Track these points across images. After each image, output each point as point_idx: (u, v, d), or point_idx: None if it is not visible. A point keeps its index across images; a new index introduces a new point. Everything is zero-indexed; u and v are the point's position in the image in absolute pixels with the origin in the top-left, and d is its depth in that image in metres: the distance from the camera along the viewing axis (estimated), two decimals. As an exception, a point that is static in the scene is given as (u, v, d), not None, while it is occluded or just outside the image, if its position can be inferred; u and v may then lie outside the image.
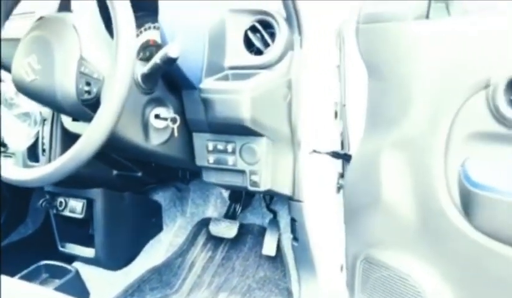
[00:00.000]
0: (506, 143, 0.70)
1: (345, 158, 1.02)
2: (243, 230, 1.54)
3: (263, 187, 0.98)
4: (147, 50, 1.05)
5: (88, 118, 0.77)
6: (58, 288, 1.22)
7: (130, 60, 0.69)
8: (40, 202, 1.33)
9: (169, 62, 0.79)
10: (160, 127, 0.93)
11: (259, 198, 1.56)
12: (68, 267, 1.28)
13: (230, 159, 0.99)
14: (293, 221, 1.16)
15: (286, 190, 1.08)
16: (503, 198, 0.68)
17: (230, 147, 0.98)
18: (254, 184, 0.98)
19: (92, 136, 0.72)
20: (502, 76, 0.67)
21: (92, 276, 1.38)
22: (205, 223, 1.57)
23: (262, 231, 1.50)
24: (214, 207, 1.64)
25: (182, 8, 0.92)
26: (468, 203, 0.73)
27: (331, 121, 1.07)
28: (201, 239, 1.55)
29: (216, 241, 1.54)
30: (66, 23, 0.76)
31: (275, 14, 0.95)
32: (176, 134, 0.93)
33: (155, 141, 0.94)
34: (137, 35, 1.06)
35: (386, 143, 0.85)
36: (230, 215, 1.53)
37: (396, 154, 0.84)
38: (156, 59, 0.80)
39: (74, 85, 0.74)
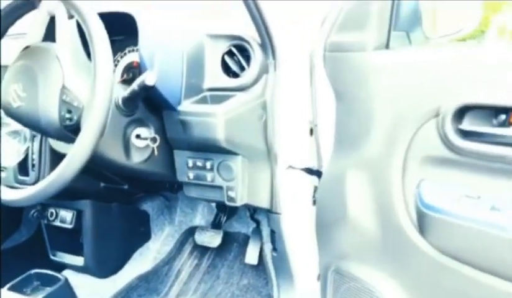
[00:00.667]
0: (455, 168, 0.75)
1: (318, 175, 1.07)
2: (228, 238, 1.60)
3: (239, 202, 1.04)
4: (130, 72, 1.11)
5: (71, 140, 0.83)
6: (47, 296, 1.27)
7: (107, 91, 0.75)
8: (32, 212, 1.39)
9: (147, 89, 0.85)
10: (141, 146, 0.99)
11: (244, 208, 1.62)
12: (58, 275, 1.34)
13: (209, 176, 1.05)
14: (272, 232, 1.22)
15: (264, 203, 1.14)
16: (451, 220, 0.73)
17: (208, 164, 1.04)
18: (231, 199, 1.04)
19: (73, 159, 0.77)
20: (450, 106, 0.72)
21: (82, 284, 1.43)
22: (192, 231, 1.63)
23: (247, 240, 1.55)
24: (201, 216, 1.70)
25: (161, 32, 0.98)
26: (422, 223, 0.79)
27: (306, 138, 1.13)
28: (188, 248, 1.61)
29: (202, 249, 1.60)
30: (50, 54, 0.82)
31: (250, 40, 1.01)
32: (156, 153, 0.99)
33: (136, 159, 0.99)
34: (121, 57, 1.12)
35: (350, 163, 0.91)
36: (216, 224, 1.59)
37: (359, 173, 0.90)
38: (135, 85, 0.86)
39: (57, 112, 0.80)
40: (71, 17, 0.81)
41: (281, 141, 1.08)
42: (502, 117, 0.69)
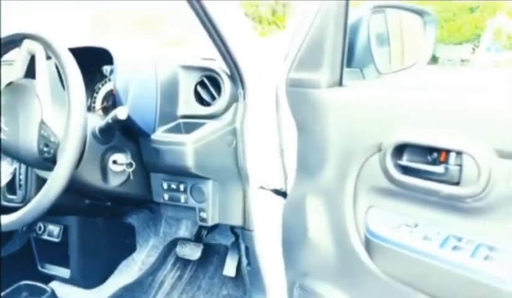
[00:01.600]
0: (397, 198, 0.83)
1: (284, 196, 1.14)
2: (210, 250, 1.67)
3: (210, 222, 1.12)
4: (110, 99, 1.18)
5: (51, 169, 0.90)
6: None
7: (79, 128, 0.82)
8: (21, 226, 1.46)
9: (119, 122, 0.92)
10: (118, 170, 1.07)
11: (224, 221, 1.69)
12: (45, 287, 1.41)
13: (182, 197, 1.12)
14: (246, 248, 1.30)
15: (237, 221, 1.21)
16: (391, 247, 0.81)
17: (181, 187, 1.11)
18: (202, 219, 1.12)
19: (50, 189, 0.85)
20: (390, 142, 0.80)
21: (68, 294, 1.51)
22: (175, 243, 1.70)
23: (227, 252, 1.63)
24: (185, 227, 1.77)
25: (135, 65, 1.06)
26: (368, 248, 0.86)
27: (276, 161, 1.20)
28: (171, 259, 1.68)
29: (185, 261, 1.67)
30: (30, 91, 0.89)
31: (220, 72, 1.09)
32: (131, 177, 1.07)
33: (114, 183, 1.07)
34: (102, 84, 1.20)
35: (309, 189, 0.99)
36: (198, 237, 1.66)
37: (317, 199, 0.97)
38: (109, 119, 0.93)
39: (36, 146, 0.88)
40: (48, 57, 0.88)
41: (252, 164, 1.15)
42: (435, 155, 0.77)
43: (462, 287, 0.71)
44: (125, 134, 1.08)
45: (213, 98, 1.11)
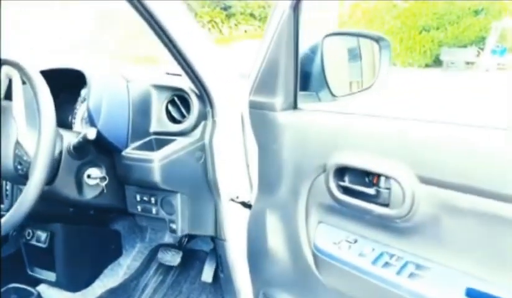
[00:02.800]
0: (340, 215, 0.89)
1: (250, 208, 1.21)
2: (192, 256, 1.74)
3: (180, 233, 1.19)
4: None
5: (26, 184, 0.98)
6: (20, 309, 1.43)
7: (47, 150, 0.89)
8: (11, 232, 1.55)
9: (89, 142, 1.00)
10: (93, 184, 1.14)
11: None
12: (32, 290, 1.50)
13: (154, 209, 1.19)
14: (219, 256, 1.36)
15: (209, 232, 1.28)
16: (335, 263, 0.87)
17: (153, 199, 1.18)
18: (172, 230, 1.19)
19: (23, 202, 0.92)
20: (332, 165, 0.86)
21: (54, 297, 1.59)
22: (159, 249, 1.77)
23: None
24: (170, 234, 1.84)
25: (108, 85, 1.13)
26: (316, 263, 0.93)
27: (244, 175, 1.27)
28: (154, 265, 1.76)
29: (168, 266, 1.74)
30: (7, 113, 0.97)
31: (189, 91, 1.16)
32: (105, 190, 1.14)
33: (89, 195, 1.15)
34: (82, 102, 1.28)
35: (269, 203, 1.05)
36: (180, 244, 1.73)
37: (275, 213, 1.04)
38: (80, 138, 1.01)
39: (12, 163, 0.96)
40: (24, 82, 0.96)
41: (222, 178, 1.22)
42: (370, 177, 0.83)
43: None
44: (100, 149, 1.15)
45: (183, 116, 1.18)
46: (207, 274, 1.59)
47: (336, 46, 1.06)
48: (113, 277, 1.73)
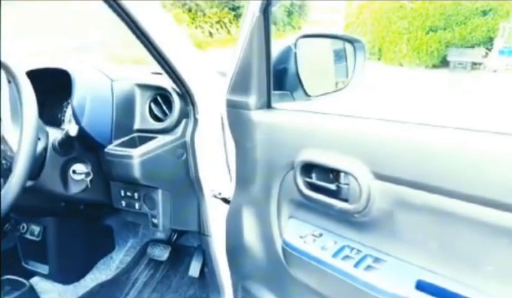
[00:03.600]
0: (308, 210, 0.92)
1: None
2: (182, 252, 1.78)
3: (161, 228, 1.23)
4: None
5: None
6: (13, 300, 1.49)
7: (29, 144, 0.94)
8: (6, 226, 1.60)
9: (72, 138, 1.04)
10: (78, 179, 1.19)
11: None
12: (24, 281, 1.55)
13: (137, 204, 1.24)
14: (203, 251, 1.40)
15: (192, 227, 1.32)
16: (301, 257, 0.90)
17: (136, 194, 1.23)
18: (154, 225, 1.23)
19: (5, 195, 0.97)
20: (299, 161, 0.89)
21: (48, 289, 1.64)
22: (149, 244, 1.82)
23: None
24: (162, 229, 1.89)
25: (92, 84, 1.17)
26: (285, 256, 0.96)
27: (226, 171, 1.30)
28: (145, 259, 1.80)
29: (158, 261, 1.79)
30: None
31: (171, 90, 1.20)
32: (89, 186, 1.19)
33: (74, 190, 1.19)
34: (69, 103, 1.33)
35: (244, 199, 1.09)
36: (169, 239, 1.77)
37: (250, 209, 1.07)
38: (63, 134, 1.06)
39: None
40: (9, 81, 1.01)
41: (204, 174, 1.26)
42: (333, 174, 0.86)
43: (348, 293, 0.80)
44: (85, 146, 1.20)
45: (165, 114, 1.22)
46: (194, 269, 1.63)
47: (311, 47, 1.09)
48: (105, 271, 1.78)
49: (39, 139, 1.08)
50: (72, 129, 1.03)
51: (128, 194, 1.23)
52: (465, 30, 9.30)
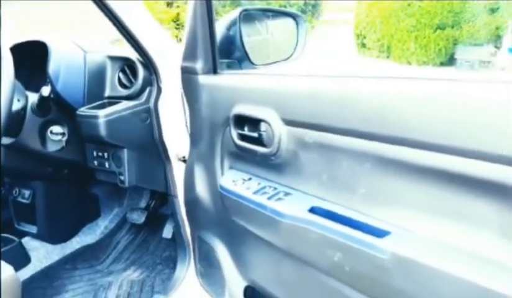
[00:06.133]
0: (242, 160, 1.06)
1: (188, 164, 1.39)
2: (161, 219, 1.93)
3: (128, 184, 1.38)
4: None
5: None
6: (4, 252, 1.65)
7: (5, 103, 1.09)
8: (1, 190, 1.77)
9: (45, 99, 1.20)
10: (55, 139, 1.35)
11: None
12: (13, 238, 1.72)
13: (107, 163, 1.39)
14: (172, 213, 1.55)
15: (160, 187, 1.47)
16: (232, 198, 1.04)
17: (106, 154, 1.38)
18: (121, 181, 1.38)
19: None
20: (231, 115, 1.03)
21: (37, 247, 1.81)
22: (128, 210, 1.97)
23: None
24: (145, 200, 2.04)
25: (67, 55, 1.33)
26: (223, 201, 1.10)
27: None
28: (127, 225, 1.96)
29: (139, 227, 1.94)
30: None
31: (135, 60, 1.35)
32: (64, 145, 1.34)
33: (51, 148, 1.35)
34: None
35: (196, 156, 1.23)
36: (148, 206, 1.92)
37: (200, 164, 1.22)
38: (38, 96, 1.21)
39: None
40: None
41: (169, 138, 1.40)
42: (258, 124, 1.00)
43: (261, 221, 0.94)
44: (62, 109, 1.36)
45: (132, 83, 1.37)
46: (167, 231, 1.77)
47: (256, 20, 1.22)
48: (90, 235, 1.94)
49: (18, 100, 1.24)
50: (45, 90, 1.19)
51: (100, 154, 1.39)
52: (473, 28, 9.27)
